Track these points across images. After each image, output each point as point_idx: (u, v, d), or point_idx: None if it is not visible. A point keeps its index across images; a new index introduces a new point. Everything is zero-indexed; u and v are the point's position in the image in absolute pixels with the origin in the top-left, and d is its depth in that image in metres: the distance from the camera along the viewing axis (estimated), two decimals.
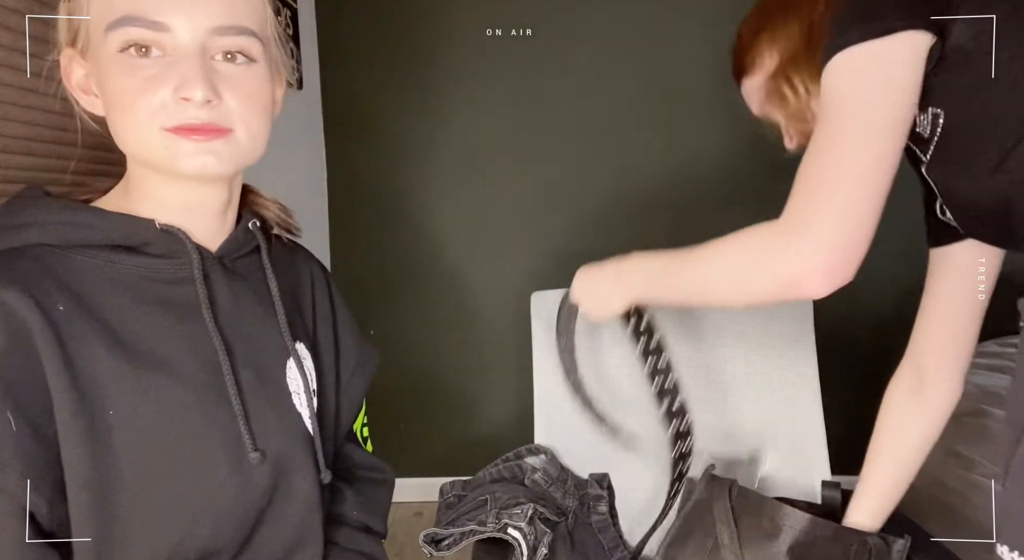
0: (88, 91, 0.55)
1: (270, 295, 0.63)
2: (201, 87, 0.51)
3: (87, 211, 0.56)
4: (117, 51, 0.51)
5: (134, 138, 0.54)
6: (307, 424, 0.63)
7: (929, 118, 0.65)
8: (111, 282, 0.54)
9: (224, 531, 0.57)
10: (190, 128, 0.52)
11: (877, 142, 0.61)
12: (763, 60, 0.80)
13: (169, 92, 0.51)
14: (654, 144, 1.94)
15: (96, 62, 0.53)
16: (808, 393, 1.12)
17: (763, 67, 0.81)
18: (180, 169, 0.53)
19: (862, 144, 0.61)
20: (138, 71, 0.51)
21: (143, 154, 0.54)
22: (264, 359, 0.61)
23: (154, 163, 0.55)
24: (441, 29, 1.90)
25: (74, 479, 0.50)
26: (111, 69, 0.51)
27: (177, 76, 0.51)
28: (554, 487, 1.03)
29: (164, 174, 0.56)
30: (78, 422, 0.50)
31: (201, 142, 0.53)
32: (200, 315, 0.57)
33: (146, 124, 0.52)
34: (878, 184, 0.60)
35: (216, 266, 0.59)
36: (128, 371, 0.52)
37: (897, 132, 0.61)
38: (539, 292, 1.18)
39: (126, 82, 0.51)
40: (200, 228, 0.59)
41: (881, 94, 0.61)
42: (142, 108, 0.51)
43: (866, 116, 0.61)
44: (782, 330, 1.14)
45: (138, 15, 0.50)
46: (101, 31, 0.51)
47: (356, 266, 2.01)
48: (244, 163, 0.57)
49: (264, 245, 0.65)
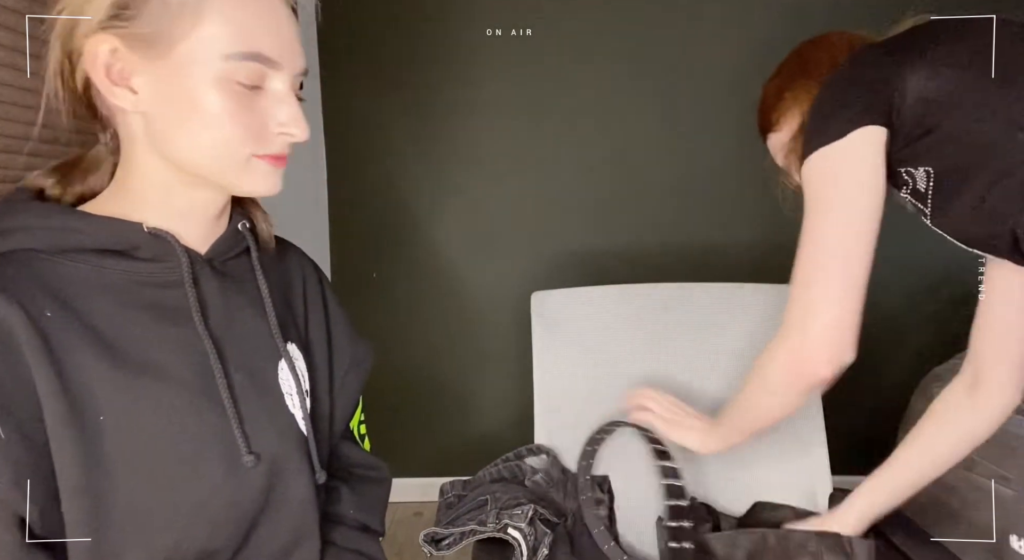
0: (121, 83, 0.52)
1: (261, 296, 0.63)
2: (305, 131, 0.56)
3: (75, 215, 0.55)
4: (224, 77, 0.52)
5: (204, 151, 0.54)
6: (300, 425, 0.62)
7: (923, 175, 0.73)
8: (100, 287, 0.54)
9: (220, 534, 0.56)
10: (275, 157, 0.57)
11: (848, 239, 0.72)
12: (787, 119, 0.88)
13: (270, 124, 0.55)
14: (655, 144, 1.94)
15: (178, 71, 0.52)
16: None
17: (788, 124, 0.88)
18: (248, 187, 0.57)
19: (837, 244, 0.72)
20: (242, 98, 0.53)
21: (204, 166, 0.55)
22: (256, 361, 0.61)
23: (211, 176, 0.56)
24: (441, 29, 1.90)
25: (67, 485, 0.50)
26: (210, 87, 0.52)
27: (284, 113, 0.55)
28: (554, 489, 1.03)
29: (200, 184, 0.57)
30: (69, 428, 0.49)
31: (276, 167, 0.57)
32: (190, 318, 0.56)
33: (233, 145, 0.54)
34: (855, 275, 0.71)
35: (206, 269, 0.59)
36: (118, 376, 0.52)
37: (865, 221, 0.72)
38: (539, 292, 1.19)
39: (226, 104, 0.52)
40: (191, 231, 0.59)
41: (846, 192, 0.73)
42: (237, 131, 0.53)
43: (836, 215, 0.73)
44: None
45: (263, 54, 0.53)
46: (215, 54, 0.51)
47: (356, 266, 2.01)
48: None
49: (254, 246, 0.64)
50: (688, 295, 1.17)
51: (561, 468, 1.09)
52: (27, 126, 0.75)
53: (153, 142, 0.55)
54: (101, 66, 0.51)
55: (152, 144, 0.55)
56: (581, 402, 1.14)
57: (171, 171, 0.56)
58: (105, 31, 0.51)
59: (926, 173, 0.73)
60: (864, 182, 0.72)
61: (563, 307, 1.17)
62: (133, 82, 0.52)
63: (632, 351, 1.15)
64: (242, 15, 0.52)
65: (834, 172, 0.73)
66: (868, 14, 1.85)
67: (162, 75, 0.52)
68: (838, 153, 0.72)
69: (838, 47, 0.87)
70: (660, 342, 1.15)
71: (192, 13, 0.50)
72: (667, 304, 1.17)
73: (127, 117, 0.55)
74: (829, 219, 0.73)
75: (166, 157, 0.55)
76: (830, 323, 0.72)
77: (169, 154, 0.55)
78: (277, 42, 0.54)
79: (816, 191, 0.74)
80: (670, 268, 1.95)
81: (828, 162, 0.73)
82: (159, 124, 0.54)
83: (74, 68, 0.54)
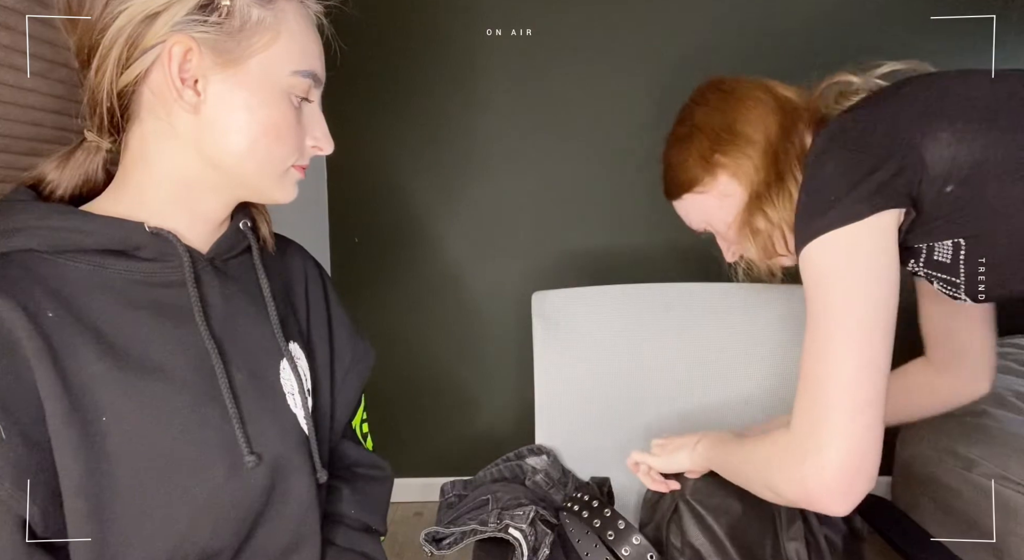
0: (189, 85, 0.54)
1: (262, 296, 0.63)
2: (332, 146, 0.63)
3: (76, 215, 0.55)
4: (287, 90, 0.57)
5: (256, 158, 0.57)
6: (302, 425, 0.62)
7: (947, 246, 0.66)
8: (101, 287, 0.54)
9: (222, 534, 0.56)
10: (302, 167, 0.62)
11: (865, 345, 0.61)
12: (718, 182, 0.81)
13: (307, 139, 0.61)
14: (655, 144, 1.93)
15: (250, 81, 0.55)
16: None
17: (717, 189, 0.81)
18: (278, 195, 0.61)
19: (851, 352, 0.61)
20: (293, 113, 0.58)
21: (249, 171, 0.58)
22: (257, 360, 0.61)
23: (250, 181, 0.59)
24: (441, 29, 1.90)
25: (69, 486, 0.50)
26: (278, 99, 0.57)
27: (319, 129, 0.62)
28: (555, 489, 1.03)
29: (225, 189, 0.59)
30: (71, 429, 0.49)
31: (302, 178, 0.63)
32: (192, 318, 0.56)
33: (284, 157, 0.59)
34: (873, 389, 0.61)
35: (207, 268, 0.59)
36: (120, 376, 0.52)
37: (886, 318, 0.62)
38: (539, 292, 1.19)
39: (286, 116, 0.57)
40: (194, 230, 0.59)
41: (862, 286, 0.62)
42: (289, 141, 0.58)
43: (848, 316, 0.62)
44: (783, 327, 1.14)
45: (317, 73, 0.60)
46: (285, 69, 0.57)
47: (356, 266, 2.01)
48: None
49: (255, 245, 0.65)
50: (689, 295, 1.18)
51: (562, 468, 1.09)
52: (27, 126, 0.75)
53: (200, 142, 0.56)
54: (176, 65, 0.53)
55: (196, 144, 0.56)
56: (582, 402, 1.14)
57: (203, 171, 0.57)
58: (183, 32, 0.52)
59: (953, 245, 0.66)
60: (883, 272, 0.62)
61: (563, 307, 1.17)
62: (200, 84, 0.54)
63: (633, 351, 1.15)
64: (304, 36, 0.58)
65: (847, 262, 0.62)
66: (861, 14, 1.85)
67: (233, 83, 0.54)
68: (851, 239, 0.62)
69: (767, 103, 0.80)
70: (661, 342, 1.16)
71: (271, 29, 0.55)
72: (668, 304, 1.17)
73: (174, 116, 0.55)
74: (844, 321, 0.62)
75: (211, 159, 0.56)
76: (846, 457, 0.60)
77: (216, 157, 0.56)
78: (321, 62, 0.61)
79: (825, 284, 0.63)
80: (671, 268, 1.95)
81: (838, 250, 0.63)
82: (215, 127, 0.55)
83: (130, 62, 0.54)
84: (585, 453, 1.13)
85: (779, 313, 1.14)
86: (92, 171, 0.60)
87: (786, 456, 0.65)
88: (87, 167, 0.60)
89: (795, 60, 1.87)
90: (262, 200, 0.63)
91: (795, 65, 1.89)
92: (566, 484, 1.05)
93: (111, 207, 0.57)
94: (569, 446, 1.13)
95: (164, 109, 0.55)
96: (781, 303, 1.14)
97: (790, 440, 0.65)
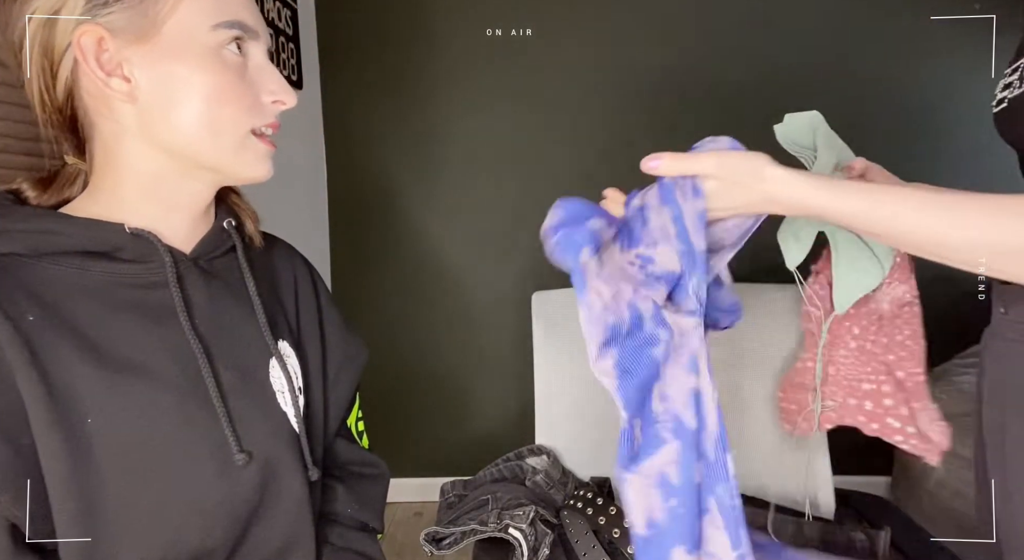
0: (113, 73, 0.52)
1: (249, 295, 0.63)
2: (294, 97, 0.58)
3: (54, 218, 0.55)
4: (215, 47, 0.53)
5: (204, 129, 0.54)
6: (293, 423, 0.62)
7: None
8: (83, 289, 0.53)
9: (214, 533, 0.56)
10: (269, 138, 0.58)
11: None
12: None
13: (262, 95, 0.57)
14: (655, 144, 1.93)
15: (170, 50, 0.52)
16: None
17: None
18: (244, 170, 0.58)
19: None
20: (235, 69, 0.54)
21: (204, 146, 0.55)
22: (246, 359, 0.60)
23: (209, 158, 0.56)
24: (441, 29, 1.90)
25: (57, 489, 0.50)
26: (205, 60, 0.53)
27: (273, 82, 0.57)
28: (555, 489, 1.03)
29: (192, 173, 0.57)
30: (56, 432, 0.49)
31: (269, 150, 0.59)
32: (176, 318, 0.56)
33: (236, 121, 0.55)
34: None
35: (191, 268, 0.59)
36: (104, 377, 0.51)
37: None
38: (539, 292, 1.19)
39: (223, 74, 0.54)
40: (175, 229, 0.59)
41: None
42: (235, 101, 0.54)
43: None
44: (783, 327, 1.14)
45: (245, 22, 0.55)
46: (203, 26, 0.53)
47: (356, 266, 2.01)
48: None
49: (240, 244, 0.64)
50: None
51: (562, 468, 1.09)
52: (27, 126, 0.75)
53: (147, 130, 0.54)
54: (92, 58, 0.51)
55: (146, 133, 0.54)
56: (581, 402, 1.14)
57: (164, 161, 0.56)
58: (90, 23, 0.50)
59: None
60: None
61: (563, 307, 1.17)
62: (125, 70, 0.52)
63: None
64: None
65: None
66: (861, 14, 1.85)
67: (154, 58, 0.52)
68: None
69: None
70: None
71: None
72: None
73: (116, 111, 0.54)
74: None
75: (163, 144, 0.55)
76: None
77: (165, 140, 0.54)
78: (251, 12, 0.56)
79: None
80: None
81: None
82: (156, 109, 0.53)
83: (56, 72, 0.53)
84: (585, 453, 1.13)
85: (782, 312, 1.14)
86: (74, 195, 0.60)
87: None
88: (70, 193, 0.60)
89: (795, 60, 1.87)
90: (234, 180, 0.60)
91: (795, 65, 1.89)
92: (566, 484, 1.05)
93: (89, 209, 0.56)
94: (569, 446, 1.13)
95: (106, 107, 0.54)
96: (781, 303, 1.14)
97: None
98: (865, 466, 1.83)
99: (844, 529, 0.84)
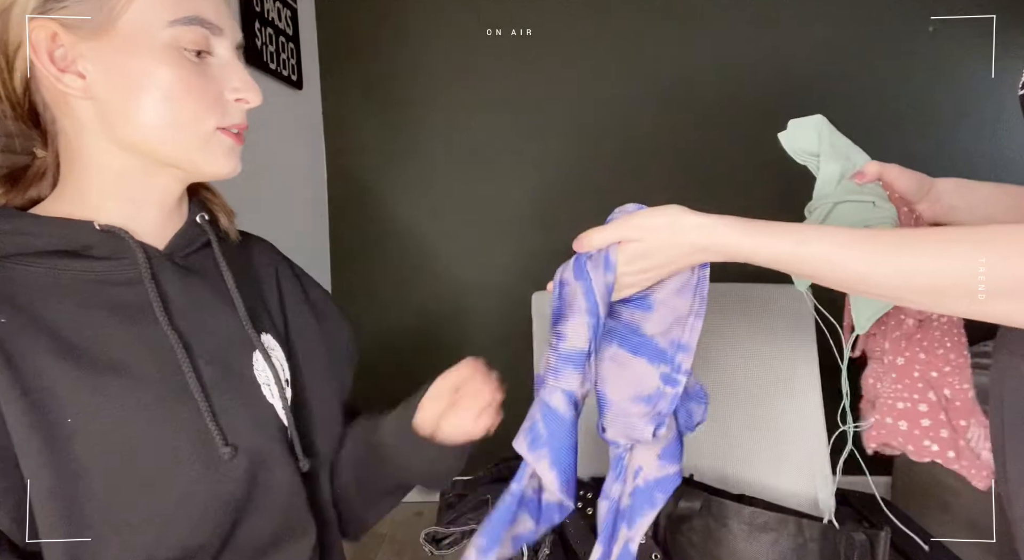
0: (67, 69, 0.51)
1: (227, 289, 0.62)
2: (259, 95, 0.57)
3: (22, 218, 0.54)
4: (172, 45, 0.52)
5: (165, 127, 0.53)
6: (281, 415, 0.62)
7: None
8: (56, 289, 0.53)
9: (203, 528, 0.56)
10: (237, 134, 0.57)
11: None
12: None
13: (225, 92, 0.55)
14: (655, 144, 1.94)
15: (125, 46, 0.51)
16: (810, 392, 1.12)
17: None
18: (210, 167, 0.57)
19: None
20: (194, 66, 0.53)
21: (166, 144, 0.54)
22: (228, 354, 0.59)
23: (173, 155, 0.55)
24: (441, 29, 1.90)
25: (39, 491, 0.49)
26: (161, 57, 0.52)
27: (236, 79, 0.56)
28: None
29: (158, 170, 0.56)
30: (35, 434, 0.49)
31: (236, 146, 0.57)
32: (153, 315, 0.55)
33: (198, 118, 0.54)
34: None
35: (166, 264, 0.58)
36: (82, 377, 0.51)
37: None
38: (539, 292, 1.19)
39: (179, 72, 0.52)
40: (147, 225, 0.58)
41: None
42: (195, 100, 0.53)
43: None
44: (783, 327, 1.14)
45: (206, 18, 0.53)
46: (159, 21, 0.51)
47: (356, 266, 2.01)
48: None
49: (215, 239, 0.63)
50: None
51: None
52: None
53: (107, 128, 0.53)
54: (44, 53, 0.50)
55: (106, 131, 0.54)
56: None
57: (127, 158, 0.55)
58: (43, 18, 0.50)
59: None
60: None
61: None
62: (80, 66, 0.51)
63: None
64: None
65: None
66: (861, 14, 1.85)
67: (109, 54, 0.51)
68: None
69: None
70: None
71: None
72: None
73: (75, 108, 0.53)
74: None
75: (122, 142, 0.54)
76: None
77: (126, 137, 0.54)
78: (214, 7, 0.54)
79: None
80: None
81: None
82: (113, 106, 0.52)
83: (12, 66, 0.52)
84: (585, 453, 1.13)
85: (781, 312, 1.14)
86: (44, 192, 0.59)
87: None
88: (39, 190, 0.59)
89: (795, 60, 1.87)
90: (200, 176, 0.59)
91: (795, 65, 1.89)
92: None
93: (58, 207, 0.56)
94: None
95: (65, 104, 0.53)
96: (780, 303, 1.14)
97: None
98: (866, 466, 1.83)
99: (844, 529, 0.84)
